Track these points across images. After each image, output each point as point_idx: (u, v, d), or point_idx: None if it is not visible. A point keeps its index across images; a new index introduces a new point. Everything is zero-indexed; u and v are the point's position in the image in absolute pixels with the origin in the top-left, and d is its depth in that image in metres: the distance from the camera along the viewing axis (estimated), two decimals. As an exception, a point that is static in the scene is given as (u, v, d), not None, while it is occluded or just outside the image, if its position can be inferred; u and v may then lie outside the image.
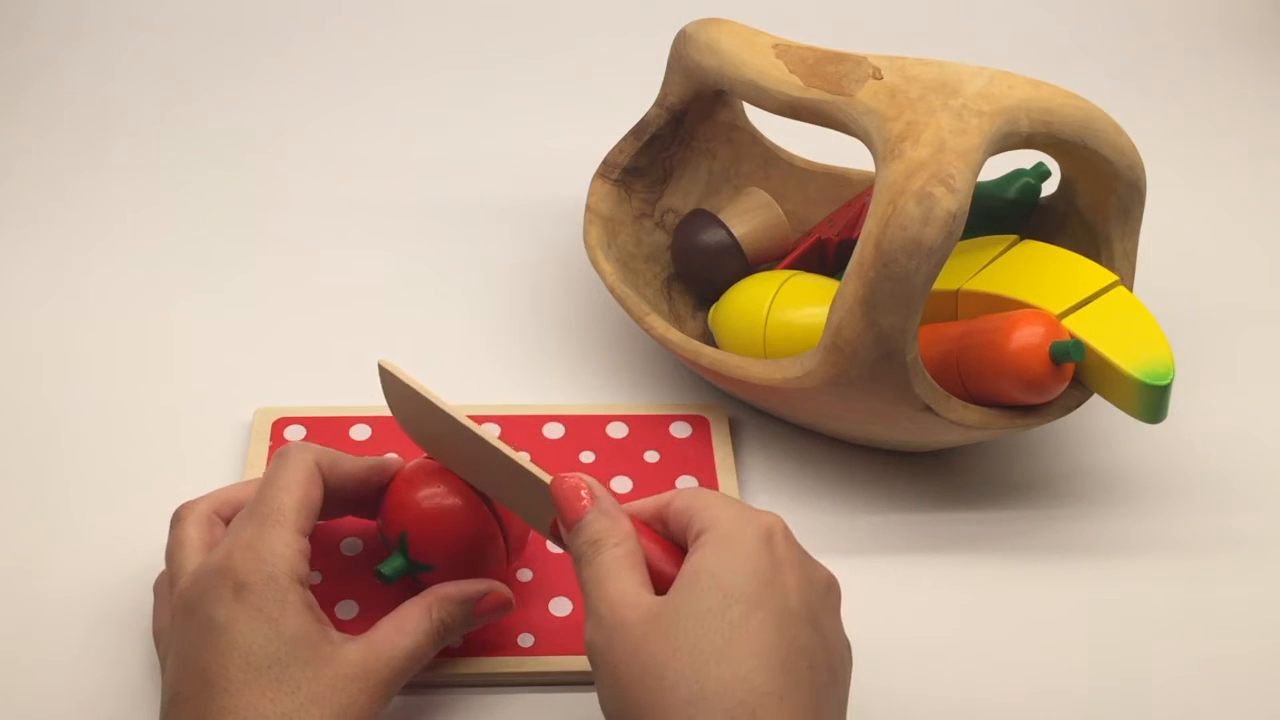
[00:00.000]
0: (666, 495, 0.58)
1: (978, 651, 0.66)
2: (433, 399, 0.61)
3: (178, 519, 0.61)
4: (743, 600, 0.53)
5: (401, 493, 0.62)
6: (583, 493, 0.57)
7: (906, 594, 0.68)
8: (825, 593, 0.56)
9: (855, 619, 0.65)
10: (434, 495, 0.62)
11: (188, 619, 0.57)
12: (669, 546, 0.57)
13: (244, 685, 0.54)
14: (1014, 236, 0.72)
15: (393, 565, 0.62)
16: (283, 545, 0.57)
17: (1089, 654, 0.66)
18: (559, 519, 0.58)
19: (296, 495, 0.59)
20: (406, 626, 0.58)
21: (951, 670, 0.65)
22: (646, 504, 0.58)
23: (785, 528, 0.56)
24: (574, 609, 0.65)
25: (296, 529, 0.58)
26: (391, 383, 0.63)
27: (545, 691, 0.64)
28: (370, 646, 0.57)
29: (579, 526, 0.56)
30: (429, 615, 0.59)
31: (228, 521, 0.61)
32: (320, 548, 0.67)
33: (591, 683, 0.63)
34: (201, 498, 0.62)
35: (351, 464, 0.62)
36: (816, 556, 0.64)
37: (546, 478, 0.59)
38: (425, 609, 0.59)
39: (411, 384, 0.61)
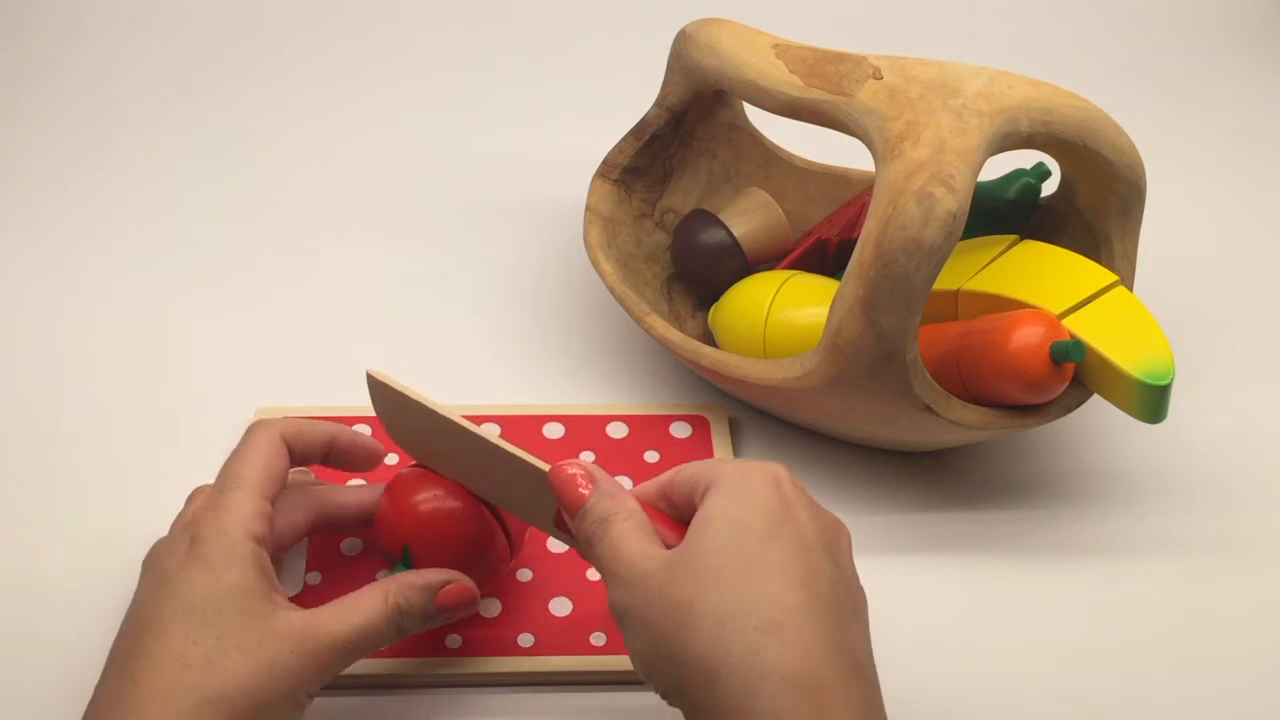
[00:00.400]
0: (668, 473, 0.59)
1: (978, 651, 0.66)
2: (426, 403, 0.61)
3: (251, 431, 0.62)
4: (757, 533, 0.54)
5: (396, 505, 0.62)
6: (581, 477, 0.57)
7: (906, 594, 0.68)
8: (835, 533, 0.56)
9: (855, 619, 0.65)
10: (430, 501, 0.61)
11: (146, 573, 0.58)
12: (674, 521, 0.58)
13: (172, 626, 0.55)
14: (1014, 236, 0.72)
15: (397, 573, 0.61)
16: (237, 505, 0.58)
17: (1089, 654, 0.66)
18: (562, 508, 0.58)
19: (258, 463, 0.60)
20: (360, 604, 0.58)
21: (951, 670, 0.65)
22: (649, 486, 0.59)
23: (790, 474, 0.57)
24: (574, 609, 0.65)
25: (255, 491, 0.59)
26: (381, 392, 0.62)
27: (545, 691, 0.64)
28: (315, 616, 0.57)
29: (584, 511, 0.57)
30: (385, 597, 0.58)
31: (291, 453, 0.62)
32: (320, 548, 0.67)
33: (592, 682, 0.63)
34: (275, 419, 0.62)
35: (317, 429, 0.63)
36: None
37: (546, 467, 0.58)
38: (381, 590, 0.59)
39: (404, 391, 0.61)
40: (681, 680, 0.53)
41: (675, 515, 0.58)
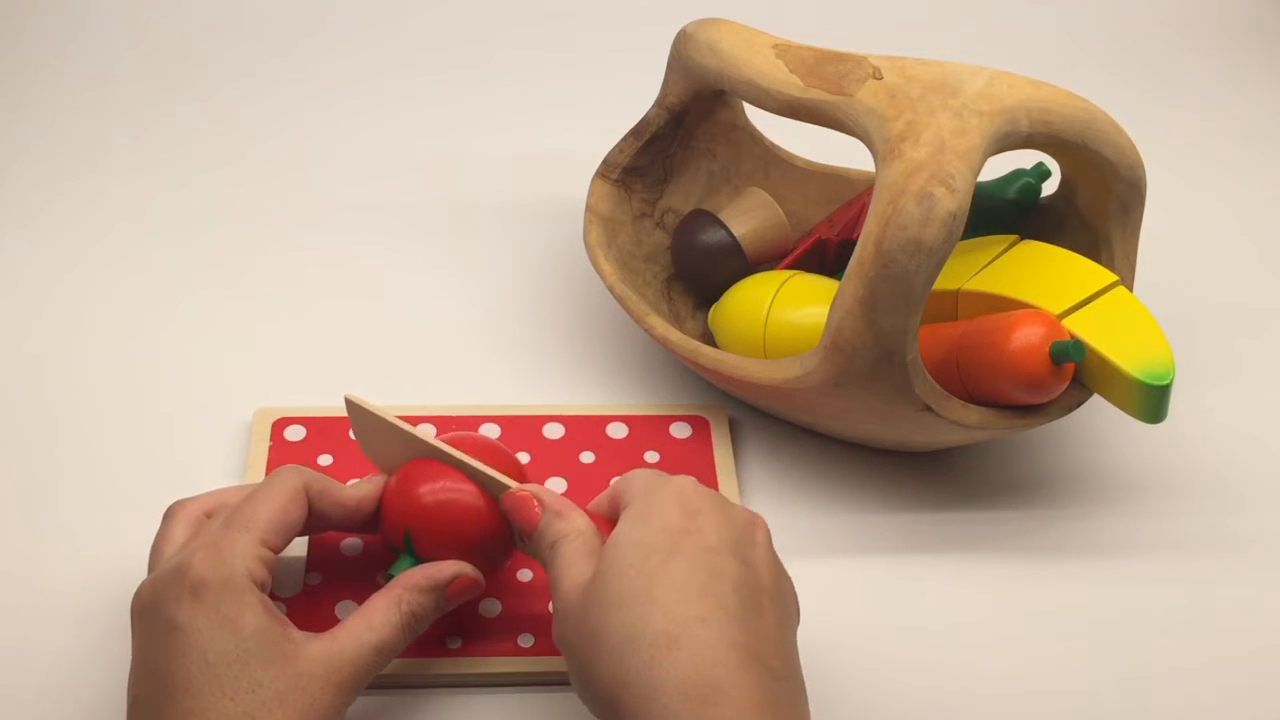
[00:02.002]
0: (613, 483, 0.60)
1: (978, 651, 0.66)
2: (403, 427, 0.62)
3: (169, 515, 0.61)
4: (658, 550, 0.55)
5: (399, 494, 0.62)
6: (533, 499, 0.59)
7: (906, 594, 0.68)
8: (746, 529, 0.58)
9: (855, 619, 0.66)
10: (433, 490, 0.62)
11: (146, 620, 0.57)
12: None
13: (204, 685, 0.54)
14: (1014, 236, 0.72)
15: (401, 567, 0.61)
16: (243, 548, 0.57)
17: (1089, 654, 0.66)
18: (520, 532, 0.60)
19: (273, 509, 0.59)
20: (374, 621, 0.58)
21: (951, 670, 0.65)
22: (602, 499, 0.61)
23: (696, 483, 0.59)
24: (574, 609, 0.65)
25: (262, 539, 0.58)
26: (360, 416, 0.63)
27: (545, 691, 0.64)
28: (334, 643, 0.57)
29: (536, 536, 0.59)
30: (398, 607, 0.58)
31: (312, 506, 0.61)
32: (320, 548, 0.67)
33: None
34: (195, 497, 0.62)
35: (342, 493, 0.62)
36: (816, 556, 0.64)
37: (514, 485, 0.60)
38: (394, 601, 0.59)
39: (381, 415, 0.62)
40: (597, 704, 0.55)
41: None
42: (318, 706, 0.55)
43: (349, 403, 0.63)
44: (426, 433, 0.63)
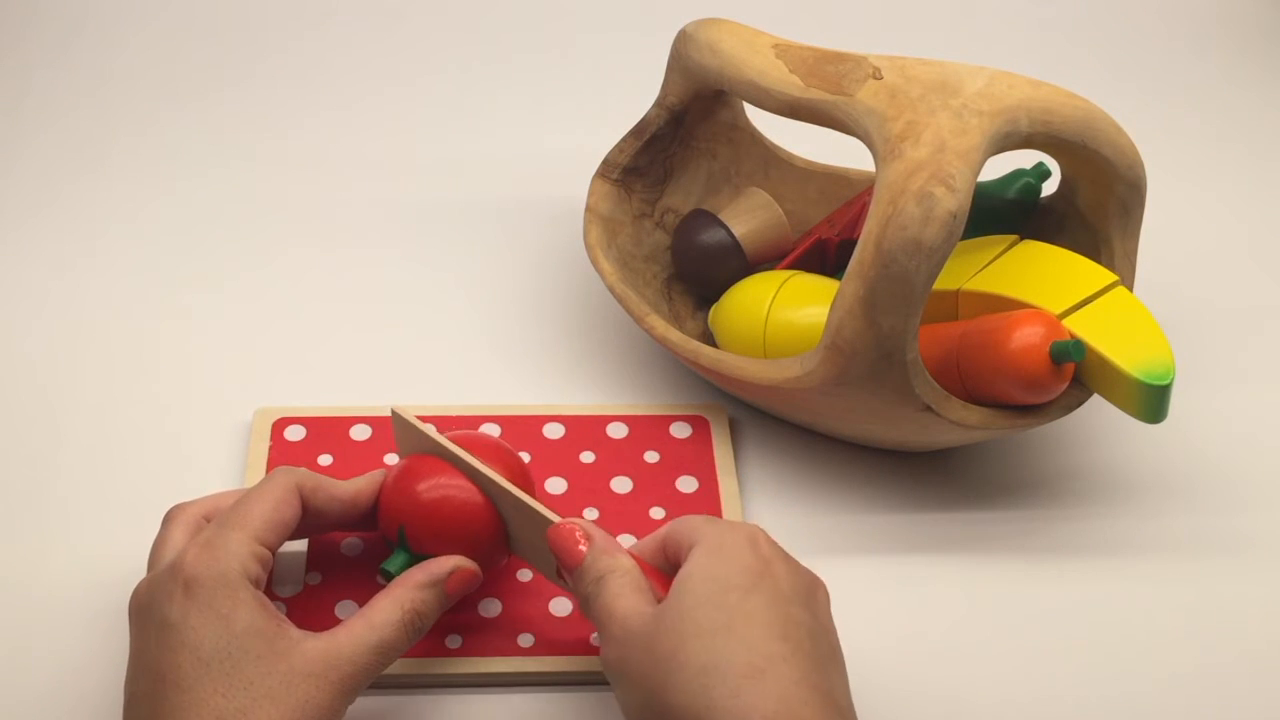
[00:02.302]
0: (664, 528, 0.60)
1: (977, 651, 0.66)
2: (448, 445, 0.62)
3: (168, 519, 0.61)
4: (737, 588, 0.56)
5: (395, 489, 0.62)
6: (579, 534, 0.59)
7: (906, 594, 0.68)
8: (811, 586, 0.58)
9: (855, 619, 0.65)
10: (428, 486, 0.62)
11: (141, 618, 0.57)
12: (667, 578, 0.59)
13: (196, 681, 0.54)
14: (1014, 236, 0.72)
15: (396, 562, 0.62)
16: (237, 545, 0.57)
17: (1089, 654, 0.66)
18: (560, 565, 0.60)
19: (266, 508, 0.59)
20: (375, 620, 0.58)
21: (951, 670, 0.65)
22: (648, 542, 0.61)
23: (768, 535, 0.59)
24: (574, 609, 0.65)
25: (256, 536, 0.58)
26: (404, 429, 0.64)
27: (545, 691, 0.64)
28: (333, 642, 0.56)
29: (581, 570, 0.59)
30: (400, 606, 0.58)
31: (306, 505, 0.61)
32: (320, 548, 0.67)
33: (591, 682, 0.63)
34: (194, 501, 0.62)
35: (336, 488, 0.62)
36: (816, 556, 0.64)
37: (556, 518, 0.60)
38: (395, 601, 0.58)
39: (426, 431, 0.63)
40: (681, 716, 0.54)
41: (670, 570, 0.59)
42: (312, 704, 0.55)
43: (395, 415, 0.64)
44: (464, 452, 0.63)
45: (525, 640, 0.64)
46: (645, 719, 0.55)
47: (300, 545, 0.67)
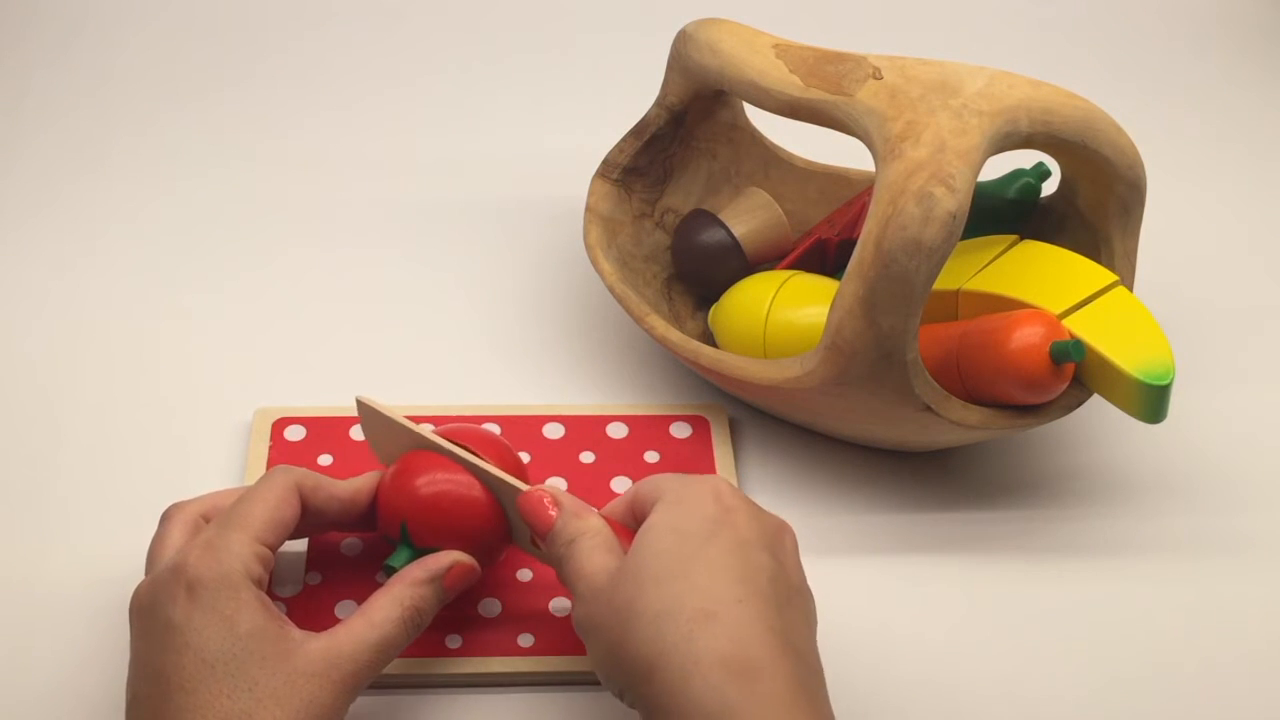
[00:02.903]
0: (632, 488, 0.61)
1: (977, 651, 0.66)
2: (411, 428, 0.63)
3: (166, 518, 0.61)
4: (696, 535, 0.57)
5: (394, 485, 0.62)
6: (548, 501, 0.60)
7: (906, 594, 0.68)
8: (777, 532, 0.59)
9: (855, 619, 0.66)
10: (429, 481, 0.62)
11: (144, 620, 0.57)
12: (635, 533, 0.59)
13: (200, 683, 0.54)
14: (1014, 236, 0.72)
15: (399, 558, 0.62)
16: (239, 546, 0.57)
17: (1089, 654, 0.66)
18: (533, 531, 0.61)
19: (267, 508, 0.59)
20: (375, 618, 0.58)
21: (951, 670, 0.65)
22: (617, 504, 0.62)
23: (732, 486, 0.60)
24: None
25: (257, 536, 0.58)
26: (370, 417, 0.64)
27: (545, 691, 0.64)
28: (334, 641, 0.57)
29: (552, 534, 0.60)
30: (399, 603, 0.58)
31: (305, 504, 0.61)
32: (320, 548, 0.67)
33: (592, 682, 0.63)
34: (192, 499, 0.62)
35: (336, 487, 0.62)
36: (817, 556, 0.64)
37: (525, 488, 0.61)
38: (394, 598, 0.59)
39: (390, 415, 0.63)
40: (629, 677, 0.55)
41: (638, 527, 0.59)
42: (315, 704, 0.55)
43: (359, 404, 0.64)
44: (429, 430, 0.63)
45: (525, 640, 0.64)
46: (610, 672, 0.56)
47: (300, 545, 0.67)
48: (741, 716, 0.52)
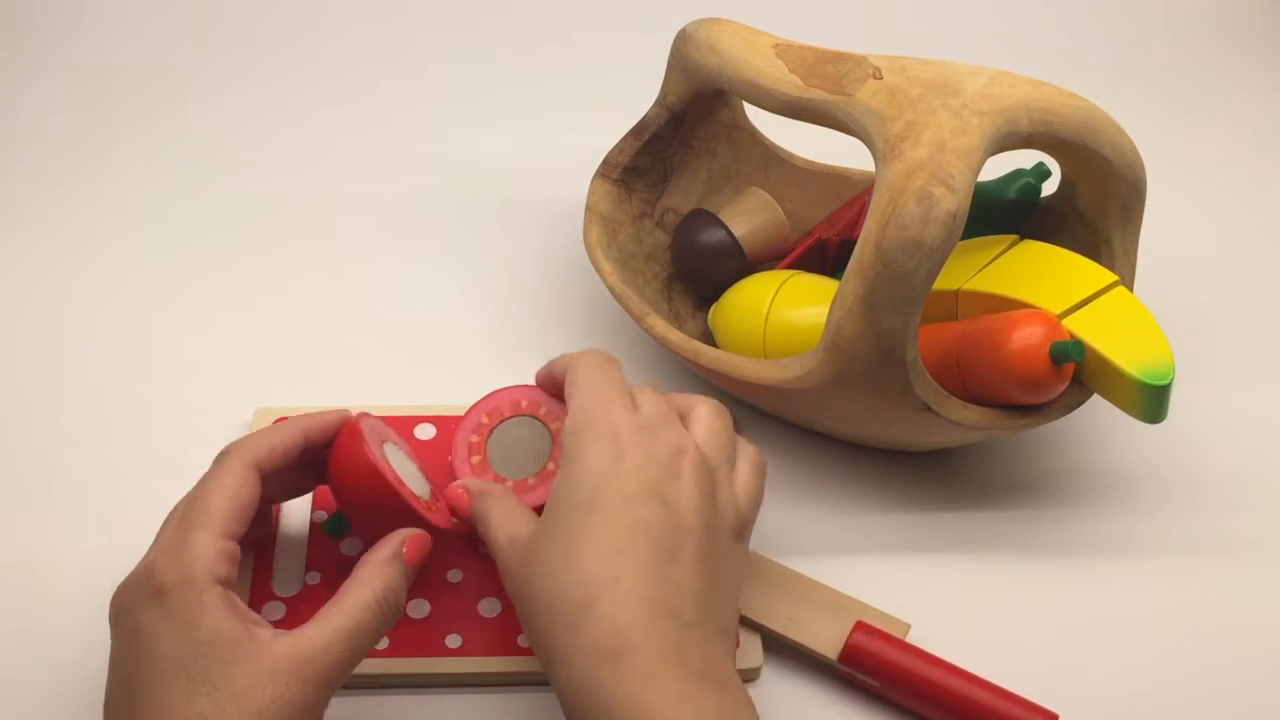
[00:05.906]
0: (557, 364, 0.65)
1: (977, 651, 0.66)
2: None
3: (222, 458, 0.61)
4: (581, 506, 0.57)
5: (331, 468, 0.63)
6: (461, 492, 0.63)
7: (906, 594, 0.68)
8: (672, 461, 0.59)
9: (855, 619, 0.65)
10: (332, 450, 0.62)
11: (117, 625, 0.57)
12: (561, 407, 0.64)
13: (162, 689, 0.54)
14: (1014, 236, 0.72)
15: (331, 525, 0.65)
16: (203, 546, 0.57)
17: (1088, 654, 0.66)
18: (479, 530, 0.62)
19: (224, 498, 0.59)
20: (345, 606, 0.57)
21: (951, 670, 0.65)
22: (543, 371, 0.66)
23: (630, 407, 0.60)
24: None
25: (220, 531, 0.58)
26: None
27: (545, 691, 0.64)
28: (303, 636, 0.56)
29: (475, 519, 0.62)
30: (368, 587, 0.58)
31: (265, 475, 0.61)
32: (320, 548, 0.67)
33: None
34: (248, 440, 0.61)
35: (288, 437, 0.62)
36: (816, 557, 0.64)
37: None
38: (362, 583, 0.58)
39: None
40: (540, 655, 0.57)
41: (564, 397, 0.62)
42: (281, 702, 0.54)
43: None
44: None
45: (525, 640, 0.64)
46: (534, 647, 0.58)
47: (300, 545, 0.67)
48: (611, 698, 0.53)
